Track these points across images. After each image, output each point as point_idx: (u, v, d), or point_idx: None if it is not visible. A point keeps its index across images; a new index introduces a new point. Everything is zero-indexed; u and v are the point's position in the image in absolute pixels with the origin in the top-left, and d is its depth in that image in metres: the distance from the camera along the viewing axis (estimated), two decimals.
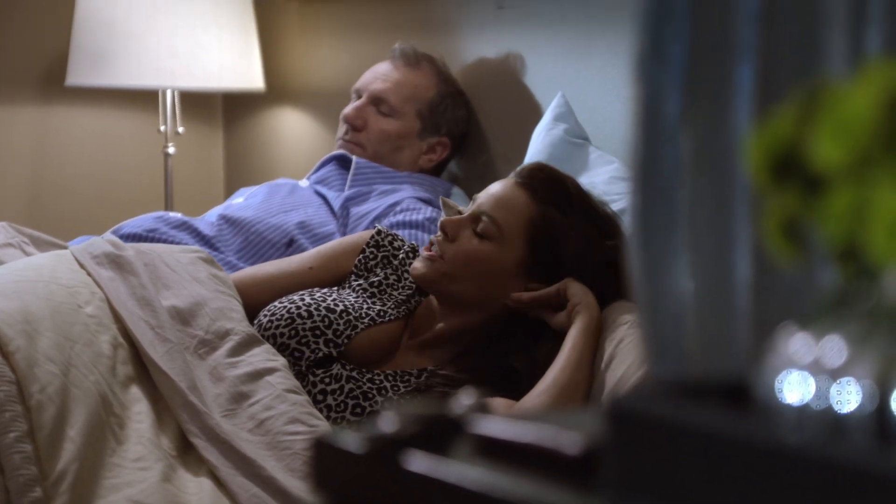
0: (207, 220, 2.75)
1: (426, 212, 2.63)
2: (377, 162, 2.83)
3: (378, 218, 2.64)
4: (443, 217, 2.15)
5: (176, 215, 2.78)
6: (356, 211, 2.70)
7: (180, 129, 3.46)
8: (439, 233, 2.10)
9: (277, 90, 3.48)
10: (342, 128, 2.89)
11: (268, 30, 3.46)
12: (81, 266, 2.07)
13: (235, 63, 3.33)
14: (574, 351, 1.95)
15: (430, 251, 2.09)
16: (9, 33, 3.54)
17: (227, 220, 2.71)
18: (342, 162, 2.85)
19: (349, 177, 2.79)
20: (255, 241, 2.66)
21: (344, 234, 2.65)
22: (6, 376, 1.79)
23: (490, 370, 2.04)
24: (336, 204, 2.72)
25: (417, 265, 2.11)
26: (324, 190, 2.79)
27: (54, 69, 3.53)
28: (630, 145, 0.81)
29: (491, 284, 2.07)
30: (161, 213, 2.83)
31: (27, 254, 2.34)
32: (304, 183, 2.86)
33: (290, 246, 2.63)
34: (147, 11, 3.25)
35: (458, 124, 2.88)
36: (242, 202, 2.81)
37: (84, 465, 1.77)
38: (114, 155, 3.65)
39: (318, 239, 2.63)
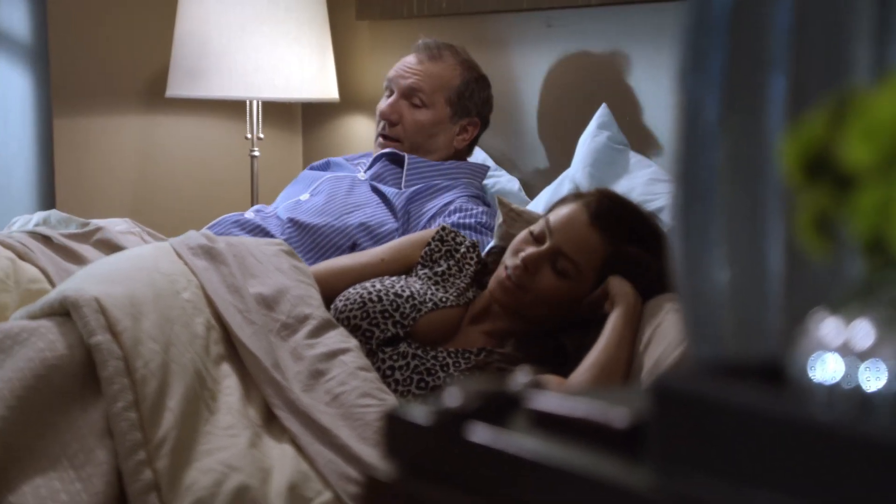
0: (277, 220, 2.70)
1: (477, 213, 2.60)
2: (415, 149, 2.78)
3: (434, 217, 2.61)
4: (517, 241, 2.06)
5: (250, 218, 2.72)
6: (416, 211, 2.67)
7: (264, 135, 3.47)
8: (517, 260, 2.02)
9: (350, 100, 3.49)
10: (380, 123, 2.83)
11: (342, 47, 3.47)
12: (179, 257, 2.08)
13: (313, 76, 3.34)
14: (614, 332, 1.93)
15: (509, 279, 2.03)
16: (117, 51, 3.56)
17: (294, 225, 2.66)
18: (393, 158, 2.79)
19: (404, 173, 2.73)
20: (321, 244, 2.63)
21: (405, 231, 2.63)
22: (115, 353, 1.80)
23: (542, 349, 2.03)
24: (398, 202, 2.68)
25: (497, 293, 2.05)
26: (381, 186, 2.74)
27: (156, 82, 3.55)
28: (672, 148, 0.79)
29: (562, 310, 2.04)
30: (238, 216, 2.77)
31: (146, 242, 2.36)
32: (361, 176, 2.80)
33: (353, 249, 2.60)
34: (236, 32, 3.26)
35: (485, 104, 2.82)
36: (308, 200, 2.75)
37: (181, 432, 1.78)
38: (207, 157, 3.67)
39: (379, 239, 2.59)
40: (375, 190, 2.75)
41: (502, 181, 2.86)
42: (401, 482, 0.85)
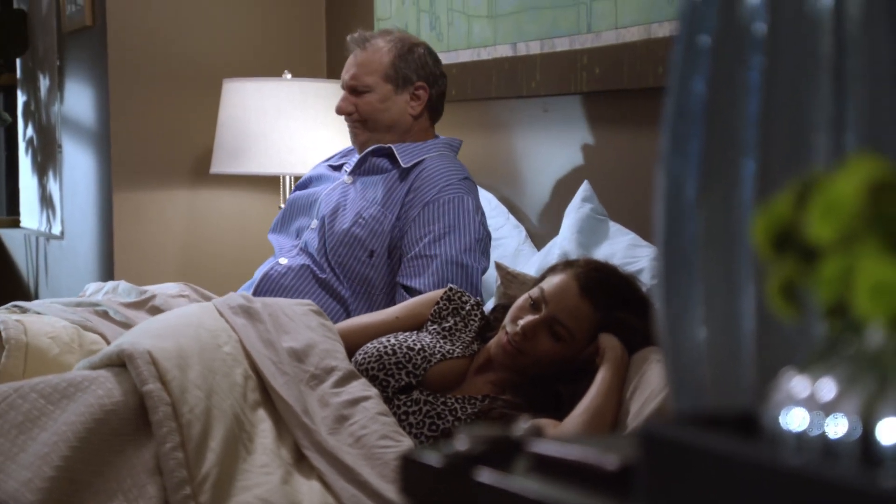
0: (313, 257, 2.63)
1: (469, 205, 2.56)
2: (376, 127, 2.69)
3: (428, 203, 2.54)
4: (515, 308, 2.03)
5: (295, 264, 2.64)
6: (410, 200, 2.58)
7: None
8: (517, 328, 2.00)
9: None
10: (346, 119, 2.76)
11: None
12: (221, 315, 2.07)
13: None
14: (604, 382, 1.92)
15: (509, 344, 2.00)
16: (168, 134, 3.59)
17: (323, 257, 2.60)
18: (379, 153, 2.70)
19: (400, 158, 2.64)
20: (344, 264, 2.58)
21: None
22: (164, 399, 1.79)
23: (540, 396, 2.01)
24: (401, 189, 2.60)
25: (499, 356, 2.03)
26: (378, 179, 2.65)
27: (202, 161, 3.57)
28: (655, 222, 0.79)
29: (557, 367, 2.02)
30: (275, 266, 2.68)
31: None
32: (348, 180, 2.71)
33: (372, 256, 2.56)
34: (272, 117, 3.29)
35: (423, 65, 2.71)
36: (316, 234, 2.65)
37: (222, 470, 1.77)
38: (245, 226, 3.68)
39: (382, 237, 2.55)
40: (369, 183, 2.65)
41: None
42: None
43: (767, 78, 0.74)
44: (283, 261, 2.68)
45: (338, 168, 2.82)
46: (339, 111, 2.73)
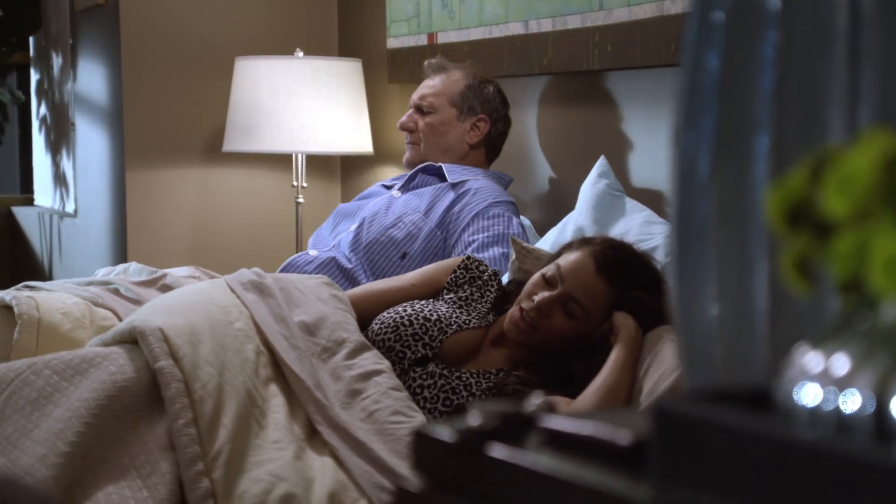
0: (342, 252, 2.71)
1: (508, 223, 2.61)
2: (431, 148, 2.81)
3: (478, 214, 2.61)
4: (530, 285, 2.03)
5: (323, 256, 2.72)
6: (458, 210, 2.65)
7: (307, 184, 3.48)
8: (532, 303, 1.99)
9: (382, 153, 3.50)
10: (406, 136, 2.88)
11: (375, 107, 3.48)
12: (232, 291, 2.07)
13: (350, 133, 3.35)
14: (617, 361, 1.91)
15: (523, 320, 2.00)
16: (181, 113, 3.59)
17: (355, 252, 2.67)
18: (429, 171, 2.80)
19: (447, 174, 2.73)
20: (375, 261, 2.64)
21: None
22: (176, 376, 1.79)
23: (553, 372, 2.01)
24: (446, 198, 2.67)
25: (513, 332, 2.02)
26: (426, 190, 2.73)
27: (214, 139, 3.57)
28: (669, 199, 0.79)
29: (571, 344, 2.01)
30: (305, 255, 2.76)
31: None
32: (396, 194, 2.80)
33: (404, 258, 2.62)
34: (284, 95, 3.28)
35: (490, 101, 2.82)
36: (353, 233, 2.73)
37: (235, 446, 1.77)
38: (257, 204, 3.68)
39: (418, 241, 2.60)
40: (415, 193, 2.74)
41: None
42: (428, 493, 0.84)
43: (781, 53, 0.73)
44: (313, 252, 2.74)
45: (391, 187, 2.91)
46: (402, 126, 2.86)
